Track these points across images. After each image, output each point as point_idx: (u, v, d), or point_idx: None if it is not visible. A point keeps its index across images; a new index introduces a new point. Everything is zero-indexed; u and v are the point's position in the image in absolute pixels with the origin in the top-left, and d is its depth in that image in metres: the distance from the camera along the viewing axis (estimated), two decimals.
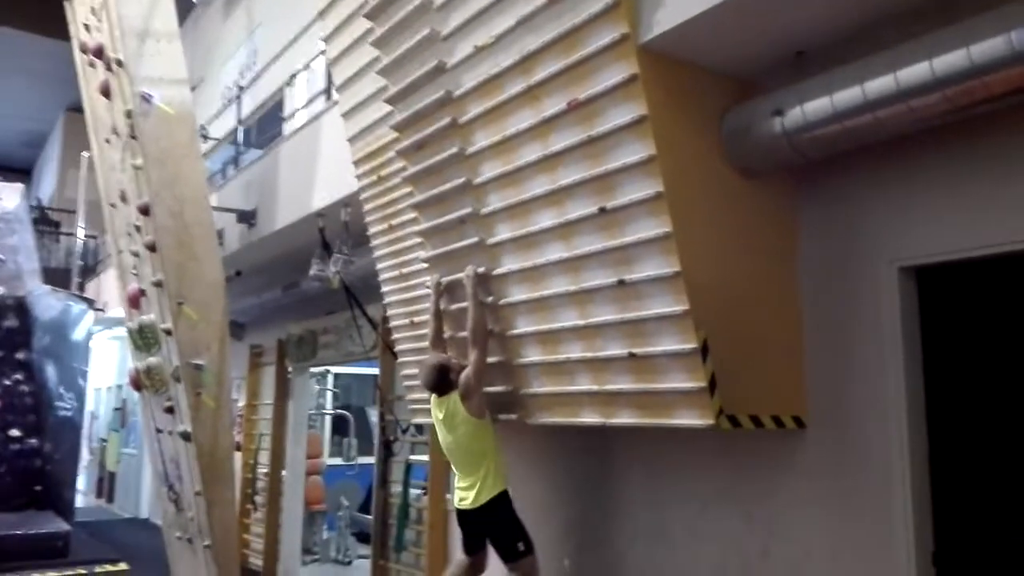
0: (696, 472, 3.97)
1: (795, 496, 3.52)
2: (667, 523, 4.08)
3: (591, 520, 4.53)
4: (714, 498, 3.86)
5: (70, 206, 15.37)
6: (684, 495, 4.01)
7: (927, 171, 3.13)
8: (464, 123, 3.93)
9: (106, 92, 6.88)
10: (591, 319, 3.57)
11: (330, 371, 10.66)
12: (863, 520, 3.25)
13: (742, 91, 3.48)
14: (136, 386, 7.34)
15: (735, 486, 3.77)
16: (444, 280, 4.33)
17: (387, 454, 6.75)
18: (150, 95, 6.35)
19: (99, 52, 6.82)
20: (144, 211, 6.35)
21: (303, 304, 7.92)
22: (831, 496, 3.38)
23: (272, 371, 9.01)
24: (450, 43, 3.88)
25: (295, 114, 7.65)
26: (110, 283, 10.79)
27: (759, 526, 3.64)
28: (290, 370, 8.76)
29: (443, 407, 4.16)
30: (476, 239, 4.06)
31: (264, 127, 9.64)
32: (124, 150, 6.72)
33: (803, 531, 3.47)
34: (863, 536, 3.25)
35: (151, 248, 6.33)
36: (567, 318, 3.70)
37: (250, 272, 8.02)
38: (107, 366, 15.84)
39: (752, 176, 3.44)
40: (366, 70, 4.68)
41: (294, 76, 7.91)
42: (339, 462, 10.60)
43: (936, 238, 3.10)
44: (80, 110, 8.28)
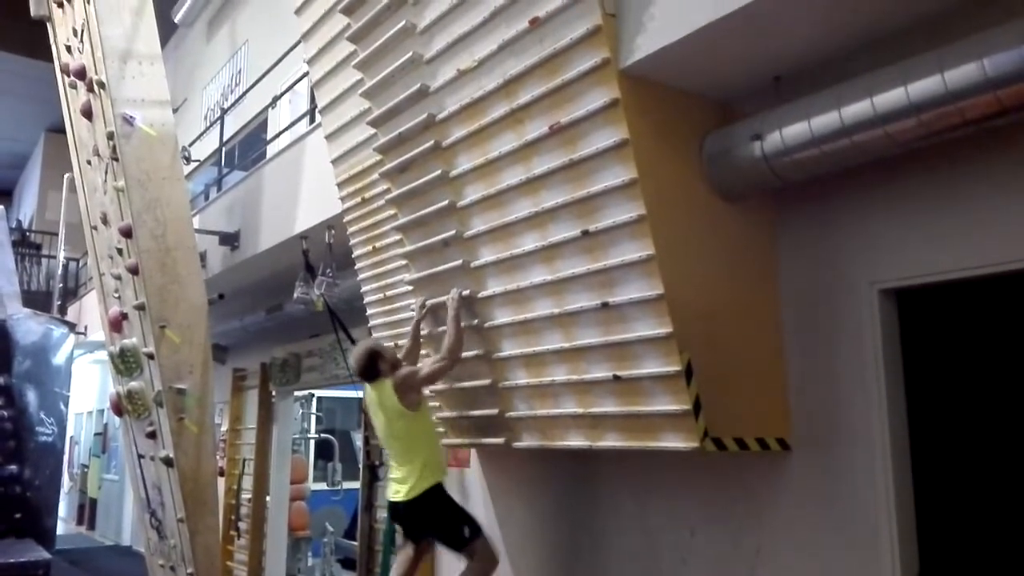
0: (684, 495, 3.96)
1: (781, 519, 3.52)
2: (656, 548, 4.06)
3: (579, 545, 4.51)
4: (702, 522, 3.85)
5: (51, 228, 15.26)
6: (672, 519, 3.99)
7: (906, 194, 3.17)
8: (447, 146, 3.94)
9: (88, 114, 6.86)
10: (575, 342, 3.57)
11: (314, 394, 10.58)
12: (848, 542, 3.25)
13: (722, 115, 3.51)
14: (118, 411, 7.26)
15: (723, 510, 3.76)
16: (429, 302, 4.32)
17: (372, 479, 6.70)
18: (132, 117, 6.34)
19: (81, 74, 6.81)
20: (126, 233, 6.32)
21: (287, 327, 7.87)
22: (817, 518, 3.38)
23: (255, 395, 8.94)
24: (433, 66, 3.90)
25: (278, 136, 7.64)
26: (92, 306, 10.70)
27: (746, 550, 3.64)
28: (274, 394, 8.69)
29: (378, 394, 4.12)
30: (460, 261, 4.06)
31: (247, 148, 9.63)
32: (106, 172, 6.69)
33: (790, 554, 3.47)
34: (849, 558, 3.25)
35: (133, 271, 6.30)
36: (551, 341, 3.70)
37: (233, 295, 7.97)
38: (88, 390, 15.67)
39: (733, 199, 3.47)
40: (350, 92, 4.69)
41: (277, 99, 7.91)
42: (324, 487, 10.50)
43: (916, 260, 3.13)
44: (61, 131, 8.26)
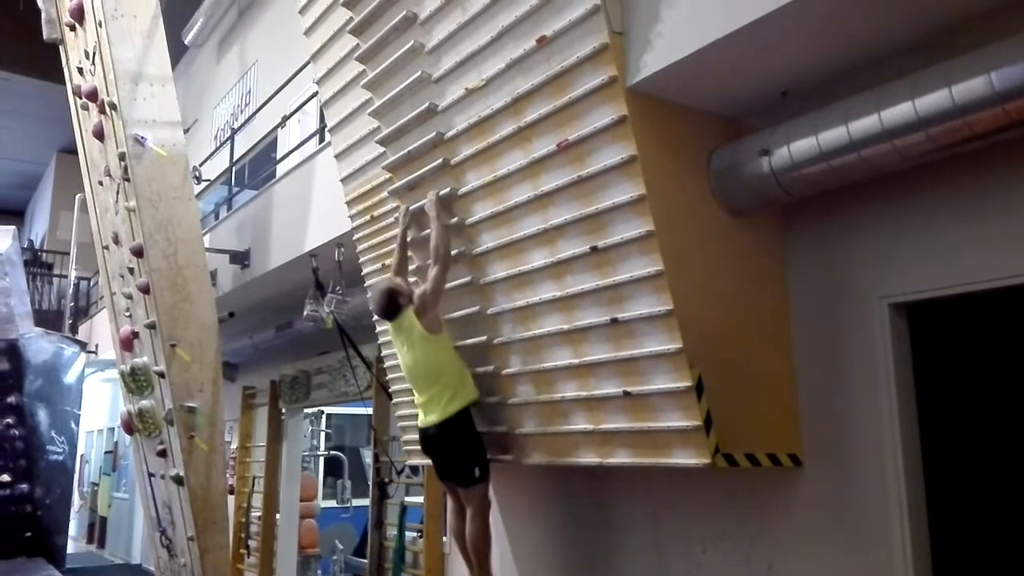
0: (695, 512, 3.94)
1: (793, 534, 3.49)
2: (667, 565, 4.04)
3: (590, 563, 4.48)
4: (714, 538, 3.83)
5: (62, 248, 15.35)
6: (684, 536, 3.97)
7: (915, 208, 3.17)
8: (456, 164, 3.96)
9: (100, 135, 6.93)
10: (585, 358, 3.57)
11: (324, 412, 10.58)
12: (862, 557, 3.23)
13: (730, 131, 3.52)
14: (128, 429, 7.30)
15: (734, 525, 3.74)
16: (412, 208, 4.31)
17: (382, 496, 6.69)
18: (143, 137, 6.40)
19: (93, 95, 6.88)
20: (137, 253, 6.37)
21: (296, 344, 7.89)
22: (829, 533, 3.36)
23: (265, 412, 8.94)
24: (441, 85, 3.93)
25: (288, 155, 7.70)
26: (103, 325, 10.76)
27: (758, 566, 3.61)
28: (283, 411, 8.70)
29: (399, 328, 4.15)
30: (469, 278, 4.07)
31: (257, 168, 9.69)
32: (117, 192, 6.75)
33: (802, 570, 3.44)
34: (861, 573, 3.22)
35: (144, 290, 6.34)
36: (561, 357, 3.70)
37: (243, 313, 8.00)
38: (99, 409, 15.71)
39: (741, 214, 3.47)
40: (359, 112, 4.72)
41: (286, 118, 7.97)
42: (333, 504, 10.48)
43: (926, 274, 3.12)
44: (72, 152, 8.34)
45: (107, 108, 6.60)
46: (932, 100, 2.68)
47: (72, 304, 13.60)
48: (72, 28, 7.41)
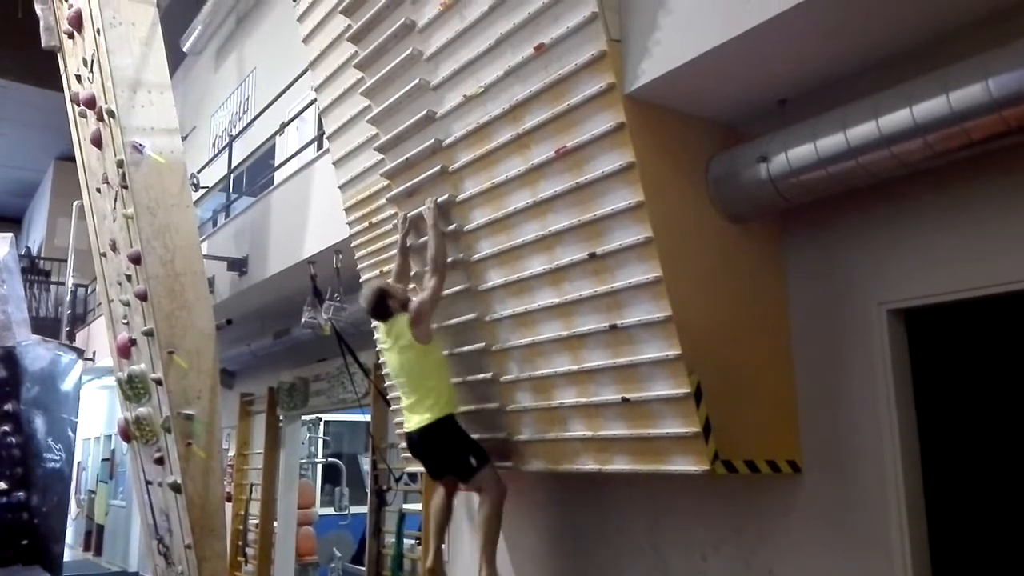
0: (694, 519, 3.93)
1: (793, 540, 3.49)
2: (667, 572, 4.03)
3: (589, 570, 4.47)
4: (714, 545, 3.82)
5: (60, 255, 15.36)
6: (683, 543, 3.96)
7: (913, 214, 3.17)
8: (454, 171, 3.97)
9: (98, 142, 6.93)
10: (584, 364, 3.57)
11: (321, 419, 10.56)
12: (861, 563, 3.22)
13: (727, 138, 3.53)
14: (126, 437, 7.27)
15: (734, 532, 3.73)
16: (410, 215, 4.31)
17: (380, 503, 6.67)
18: (141, 145, 6.40)
19: (91, 103, 6.88)
20: (135, 260, 6.36)
21: (294, 351, 7.88)
22: (829, 539, 3.35)
23: (263, 419, 8.92)
24: (440, 92, 3.93)
25: (286, 162, 7.70)
26: (100, 332, 10.74)
27: (759, 572, 3.60)
28: (281, 418, 8.68)
29: (390, 332, 4.16)
30: (467, 285, 4.07)
31: (255, 175, 9.69)
32: (115, 199, 6.75)
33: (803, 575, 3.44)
34: None
35: (142, 297, 6.33)
36: (560, 363, 3.70)
37: (241, 320, 8.00)
38: (96, 416, 15.67)
39: (740, 221, 3.48)
40: (357, 119, 4.73)
41: (284, 126, 7.98)
42: (331, 512, 10.45)
43: (924, 280, 3.13)
44: (70, 159, 8.34)
45: (105, 115, 6.60)
46: (930, 107, 2.69)
47: (69, 311, 13.59)
48: (70, 36, 7.41)
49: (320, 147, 6.59)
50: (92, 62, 6.85)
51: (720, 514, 3.80)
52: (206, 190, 8.96)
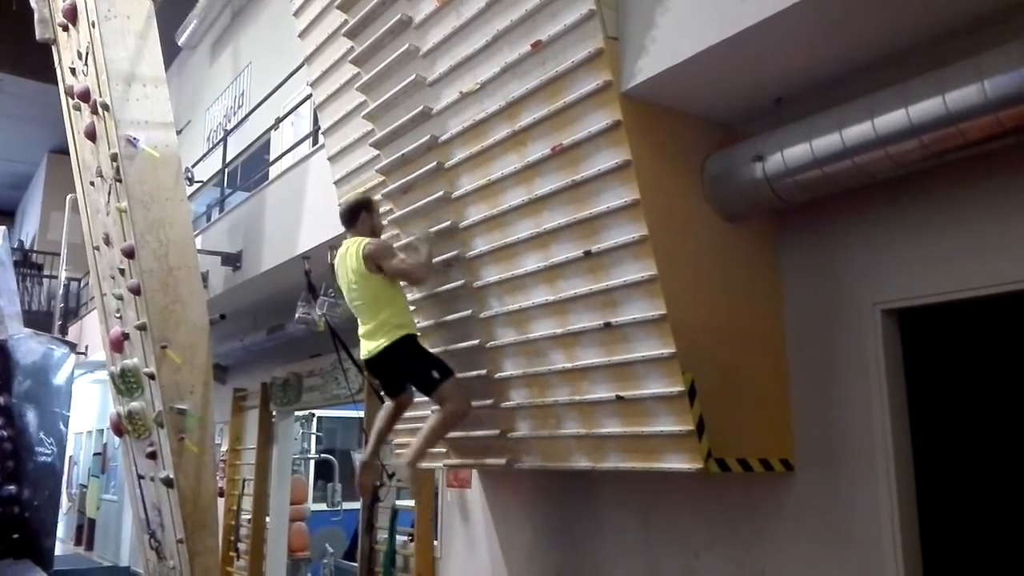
0: (687, 517, 3.94)
1: (786, 539, 3.50)
2: (660, 570, 4.04)
3: (582, 567, 4.48)
4: (706, 543, 3.83)
5: (53, 248, 15.28)
6: (676, 541, 3.97)
7: (908, 214, 3.18)
8: (450, 167, 3.96)
9: (92, 135, 6.90)
10: (578, 362, 3.57)
11: (315, 414, 10.55)
12: (853, 562, 3.24)
13: (724, 137, 3.53)
14: (118, 431, 7.24)
15: (727, 530, 3.74)
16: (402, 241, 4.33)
17: (373, 500, 6.67)
18: (136, 139, 6.37)
19: (85, 96, 6.84)
20: (128, 254, 6.33)
21: (288, 347, 7.87)
22: (821, 538, 3.37)
23: (256, 415, 8.91)
24: (436, 89, 3.92)
25: (281, 157, 7.68)
26: (93, 326, 10.70)
27: (751, 571, 3.61)
28: (274, 414, 8.67)
29: (346, 254, 4.09)
30: (462, 282, 4.07)
31: (249, 169, 9.66)
32: (109, 193, 6.72)
33: (795, 574, 3.45)
34: None
35: (135, 291, 6.30)
36: (554, 361, 3.70)
37: (235, 315, 7.96)
38: (88, 410, 15.62)
39: (735, 220, 3.48)
40: (352, 114, 4.71)
41: (280, 120, 7.95)
42: (323, 508, 10.44)
43: (918, 280, 3.13)
44: (64, 152, 8.30)
45: (99, 109, 6.57)
46: (925, 108, 2.69)
47: (62, 305, 13.52)
48: (65, 28, 7.37)
49: (315, 142, 6.58)
50: (87, 55, 6.81)
51: (713, 512, 3.81)
52: (200, 184, 8.93)
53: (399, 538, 6.40)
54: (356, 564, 7.06)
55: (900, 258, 3.20)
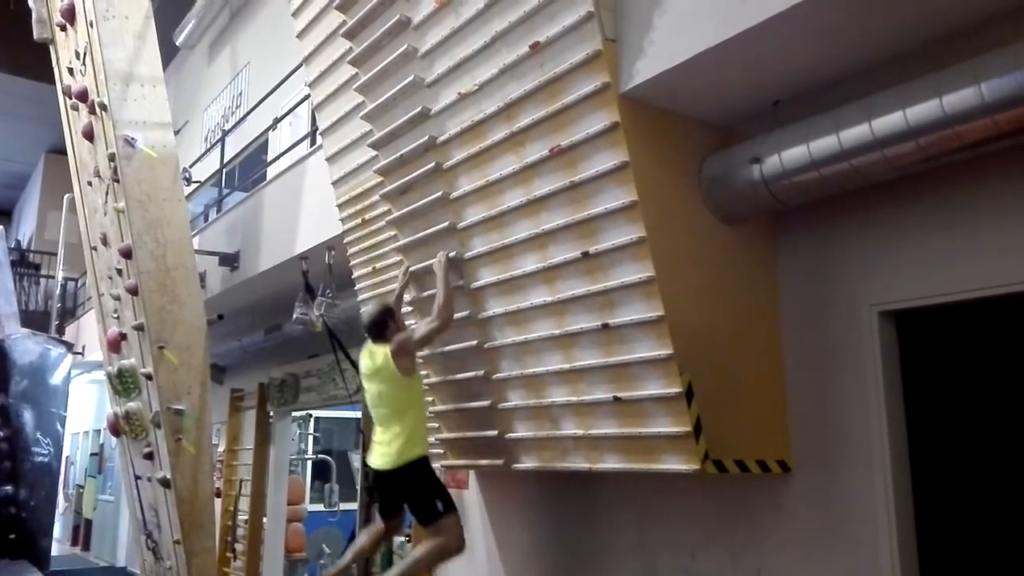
0: (684, 518, 3.95)
1: (782, 540, 3.50)
2: (657, 570, 4.04)
3: (579, 568, 4.48)
4: (703, 544, 3.83)
5: (50, 248, 15.26)
6: (673, 541, 3.97)
7: (905, 216, 3.19)
8: (448, 168, 3.96)
9: (89, 135, 6.90)
10: (576, 363, 3.58)
11: (312, 415, 10.54)
12: (850, 563, 3.24)
13: (721, 138, 3.54)
14: (115, 431, 7.25)
15: (723, 531, 3.75)
16: (412, 268, 4.32)
17: (370, 500, 6.66)
18: (133, 139, 6.37)
19: (83, 96, 6.85)
20: (126, 254, 6.33)
21: (285, 347, 7.86)
22: (818, 539, 3.37)
23: (253, 415, 8.90)
24: (434, 90, 3.93)
25: (279, 157, 7.68)
26: (90, 326, 10.69)
27: (748, 572, 3.62)
28: (271, 414, 8.66)
29: (373, 358, 4.11)
30: (460, 283, 4.07)
31: (247, 170, 9.66)
32: (107, 193, 6.72)
33: (792, 575, 3.46)
34: None
35: (132, 291, 6.30)
36: (552, 362, 3.71)
37: (232, 315, 7.97)
38: (85, 410, 15.59)
39: (732, 221, 3.49)
40: (351, 115, 4.72)
41: (278, 121, 7.95)
42: (321, 508, 10.43)
43: (915, 283, 3.14)
44: (61, 152, 8.31)
45: (97, 109, 6.57)
46: (923, 110, 2.70)
47: (59, 305, 13.51)
48: (63, 28, 7.37)
49: (313, 143, 6.58)
50: (85, 55, 6.82)
51: (710, 513, 3.81)
52: (198, 184, 8.92)
53: (396, 539, 6.40)
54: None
55: (897, 260, 3.21)
